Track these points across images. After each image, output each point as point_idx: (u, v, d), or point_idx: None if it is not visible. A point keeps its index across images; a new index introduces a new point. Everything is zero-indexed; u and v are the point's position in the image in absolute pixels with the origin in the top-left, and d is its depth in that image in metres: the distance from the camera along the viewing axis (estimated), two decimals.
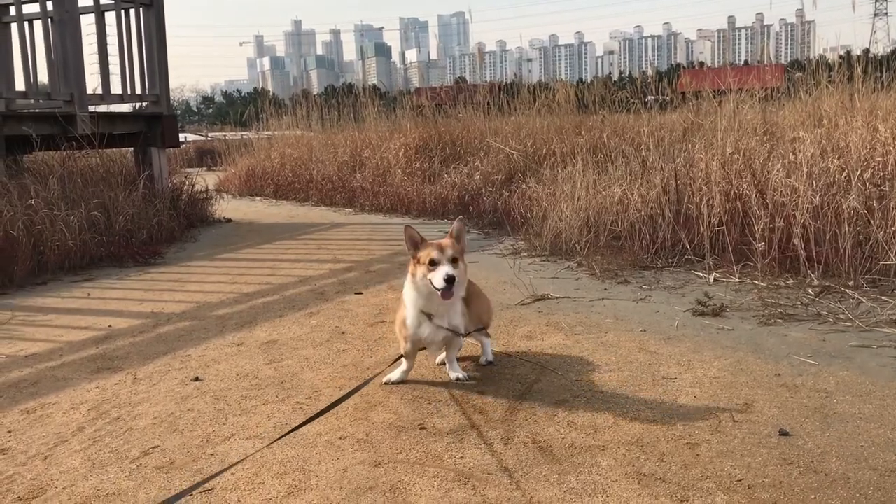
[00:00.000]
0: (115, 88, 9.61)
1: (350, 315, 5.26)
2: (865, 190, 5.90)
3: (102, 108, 9.64)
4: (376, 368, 4.04)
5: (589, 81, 16.29)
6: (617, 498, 2.58)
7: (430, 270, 3.47)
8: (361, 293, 5.91)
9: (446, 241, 3.55)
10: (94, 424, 3.42)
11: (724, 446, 2.95)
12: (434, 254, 3.47)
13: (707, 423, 3.19)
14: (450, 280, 3.39)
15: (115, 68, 9.61)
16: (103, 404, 3.67)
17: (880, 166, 6.22)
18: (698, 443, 2.99)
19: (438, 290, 3.43)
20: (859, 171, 6.05)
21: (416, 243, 3.60)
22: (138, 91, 9.91)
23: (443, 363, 4.10)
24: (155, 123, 9.97)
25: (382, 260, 7.33)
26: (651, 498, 2.58)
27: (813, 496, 2.55)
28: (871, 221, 5.64)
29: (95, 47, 9.25)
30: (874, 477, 2.66)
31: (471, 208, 9.91)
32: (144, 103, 10.17)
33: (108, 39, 9.48)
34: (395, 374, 3.83)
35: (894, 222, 5.45)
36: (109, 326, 5.17)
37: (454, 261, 3.48)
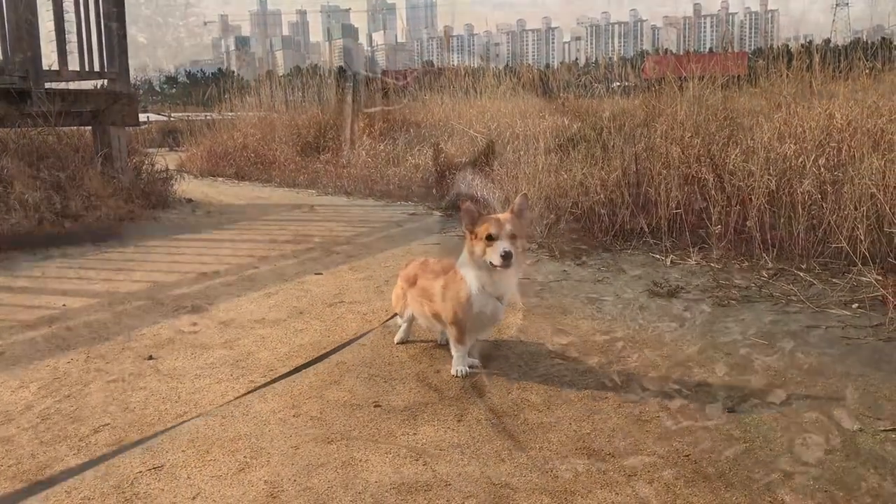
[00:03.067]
0: (73, 65, 9.40)
1: (309, 295, 5.23)
2: (820, 175, 6.00)
3: (61, 85, 9.42)
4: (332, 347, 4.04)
5: (556, 67, 16.32)
6: (566, 472, 2.62)
7: (487, 246, 3.33)
8: (321, 274, 5.88)
9: (505, 216, 3.41)
10: (44, 402, 3.36)
11: (673, 423, 3.00)
12: (492, 229, 3.31)
13: (658, 400, 3.24)
14: (507, 256, 3.26)
15: (72, 46, 9.40)
16: (54, 382, 3.62)
17: (835, 152, 6.33)
18: (648, 419, 3.04)
19: (495, 266, 3.32)
20: (814, 156, 6.15)
21: (474, 218, 3.44)
22: (97, 68, 9.71)
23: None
24: (114, 101, 9.77)
25: (344, 241, 7.29)
26: (600, 473, 2.61)
27: (757, 470, 2.60)
28: (824, 206, 5.75)
29: (52, 23, 9.03)
30: (817, 452, 2.72)
31: (434, 191, 9.90)
32: (104, 81, 9.96)
33: (66, 15, 9.26)
34: (461, 367, 3.60)
35: (846, 207, 5.55)
36: (63, 305, 5.08)
37: (513, 237, 3.33)
